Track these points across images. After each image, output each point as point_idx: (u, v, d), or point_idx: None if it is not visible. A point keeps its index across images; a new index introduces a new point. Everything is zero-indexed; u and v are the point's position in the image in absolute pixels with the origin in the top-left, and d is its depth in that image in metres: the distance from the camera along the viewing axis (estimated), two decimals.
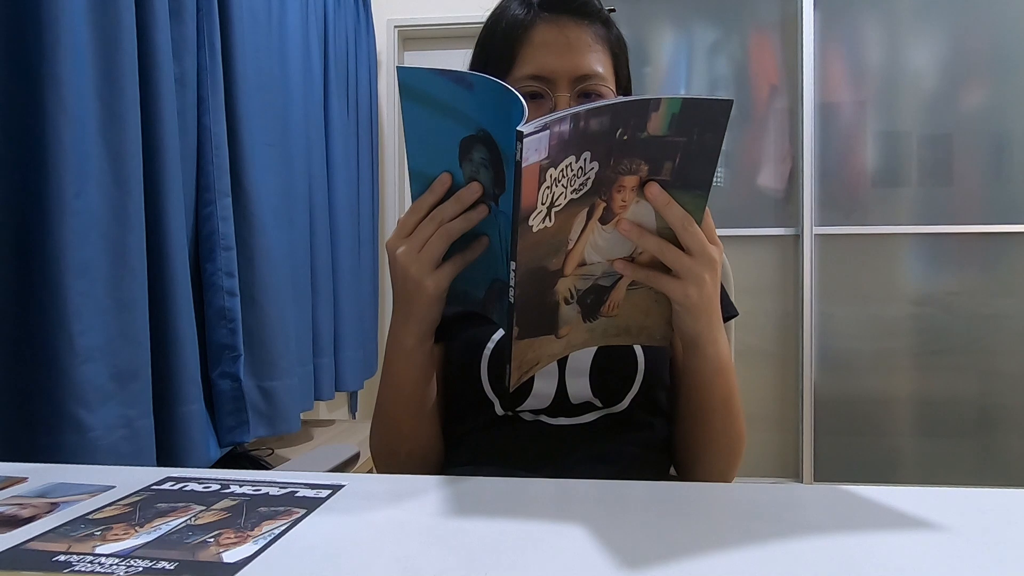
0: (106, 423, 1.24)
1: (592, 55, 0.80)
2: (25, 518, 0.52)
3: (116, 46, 1.30)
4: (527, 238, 0.58)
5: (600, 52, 0.81)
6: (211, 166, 1.69)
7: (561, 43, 0.79)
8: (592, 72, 0.79)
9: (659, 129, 0.58)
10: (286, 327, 1.99)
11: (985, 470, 2.61)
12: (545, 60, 0.78)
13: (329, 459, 0.93)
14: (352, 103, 2.73)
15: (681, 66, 2.75)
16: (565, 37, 0.79)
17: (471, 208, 0.65)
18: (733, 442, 0.79)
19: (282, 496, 0.56)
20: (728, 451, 0.79)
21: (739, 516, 0.52)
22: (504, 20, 0.82)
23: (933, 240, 2.58)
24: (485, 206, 0.65)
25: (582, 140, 0.57)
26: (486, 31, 0.85)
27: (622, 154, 0.59)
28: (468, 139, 0.62)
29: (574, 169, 0.58)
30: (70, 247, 1.19)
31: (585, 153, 0.58)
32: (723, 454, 0.79)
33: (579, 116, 0.55)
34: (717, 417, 0.77)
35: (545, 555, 0.45)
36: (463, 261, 0.67)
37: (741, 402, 0.78)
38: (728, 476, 0.80)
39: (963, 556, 0.45)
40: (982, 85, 2.58)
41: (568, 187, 0.58)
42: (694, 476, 0.82)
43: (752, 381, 2.69)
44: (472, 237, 0.67)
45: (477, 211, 0.65)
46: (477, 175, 0.64)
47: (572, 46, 0.79)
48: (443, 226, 0.65)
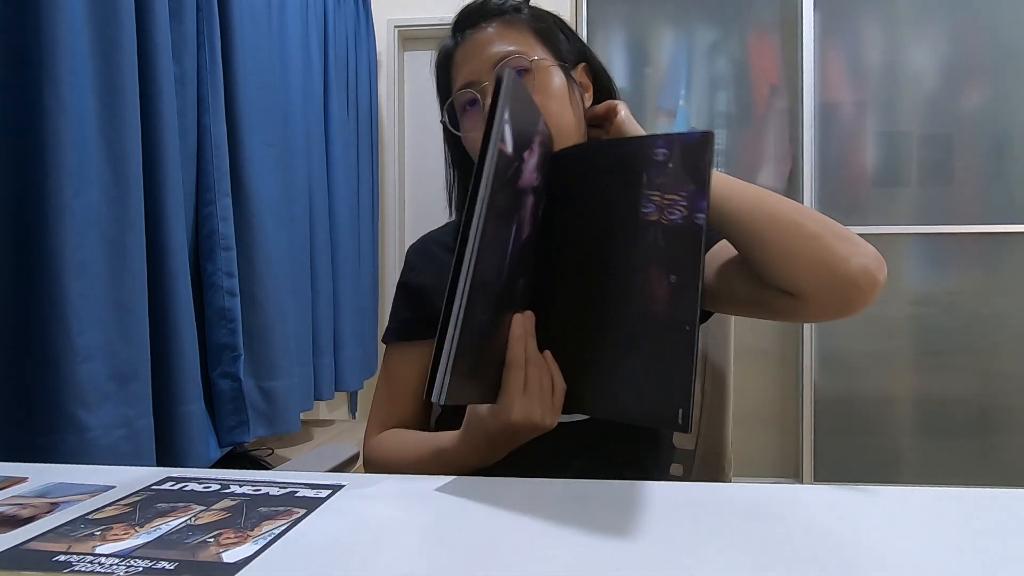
0: (105, 423, 1.24)
1: (505, 40, 0.84)
2: (25, 518, 0.52)
3: (116, 46, 1.30)
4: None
5: (515, 33, 0.84)
6: (211, 166, 1.69)
7: (474, 50, 0.84)
8: (505, 52, 0.82)
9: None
10: (286, 327, 1.99)
11: (985, 470, 2.61)
12: (468, 68, 0.84)
13: (329, 459, 0.93)
14: (352, 103, 2.73)
15: (681, 66, 2.75)
16: (475, 43, 0.85)
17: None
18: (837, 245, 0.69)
19: (282, 496, 0.56)
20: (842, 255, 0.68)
21: (739, 516, 0.52)
22: (438, 58, 0.90)
23: (933, 240, 2.58)
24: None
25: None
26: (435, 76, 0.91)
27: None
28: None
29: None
30: (69, 247, 1.19)
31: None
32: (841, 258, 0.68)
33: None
34: (803, 243, 0.69)
35: (544, 555, 0.45)
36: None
37: (804, 208, 0.72)
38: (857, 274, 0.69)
39: (963, 556, 0.45)
40: (982, 85, 2.58)
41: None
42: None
43: (752, 381, 2.69)
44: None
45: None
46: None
47: (481, 46, 0.84)
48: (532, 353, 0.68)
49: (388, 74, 3.15)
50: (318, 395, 2.36)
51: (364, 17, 2.88)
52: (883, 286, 0.70)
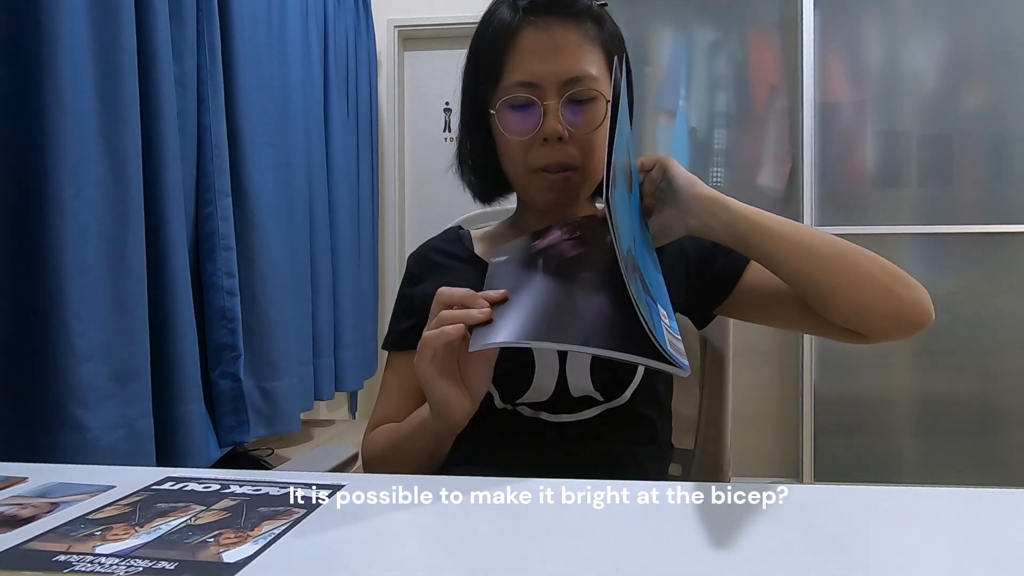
0: (105, 423, 1.24)
1: (582, 57, 0.79)
2: (25, 518, 0.52)
3: (116, 46, 1.30)
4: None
5: (591, 52, 0.80)
6: (211, 166, 1.69)
7: (548, 47, 0.78)
8: (581, 75, 0.79)
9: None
10: (286, 327, 1.99)
11: (985, 470, 2.61)
12: (532, 66, 0.78)
13: (329, 459, 0.93)
14: (352, 103, 2.73)
15: (681, 66, 2.75)
16: (552, 40, 0.79)
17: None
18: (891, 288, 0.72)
19: (282, 496, 0.56)
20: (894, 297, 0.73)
21: (738, 516, 0.52)
22: (491, 26, 0.82)
23: (933, 240, 2.58)
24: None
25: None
26: (476, 38, 0.85)
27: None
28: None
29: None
30: (69, 247, 1.19)
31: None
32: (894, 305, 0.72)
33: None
34: (854, 289, 0.72)
35: (545, 555, 0.45)
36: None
37: (859, 250, 0.73)
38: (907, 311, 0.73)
39: (963, 556, 0.45)
40: (982, 85, 2.58)
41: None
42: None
43: (752, 381, 2.69)
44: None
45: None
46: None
47: (559, 49, 0.78)
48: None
49: (388, 74, 3.15)
50: (318, 395, 2.36)
51: (364, 17, 2.88)
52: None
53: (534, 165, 0.81)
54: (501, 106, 0.81)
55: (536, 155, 0.81)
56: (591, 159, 0.82)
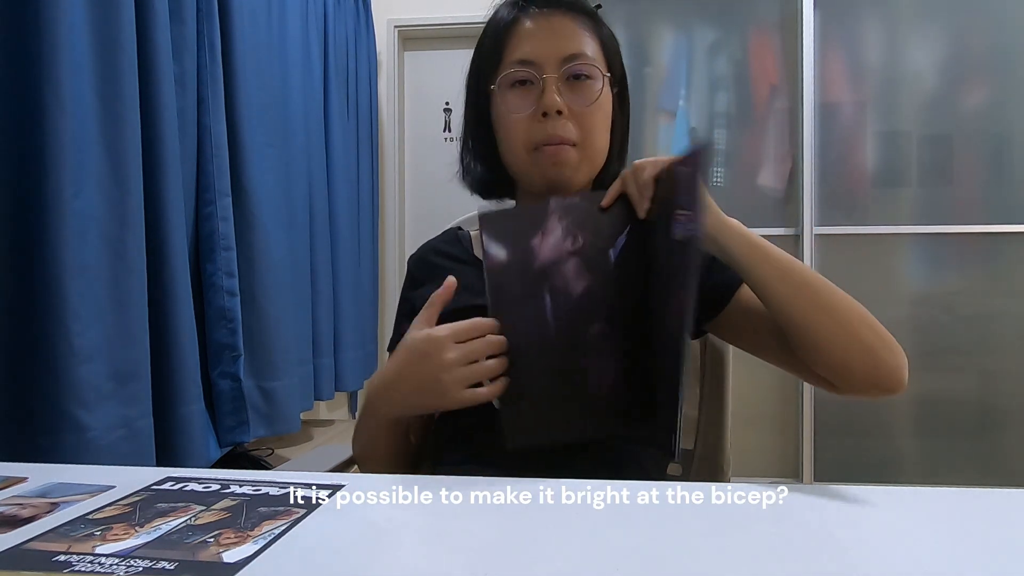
0: (105, 423, 1.24)
1: (579, 39, 0.82)
2: (25, 518, 0.52)
3: (116, 46, 1.30)
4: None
5: (588, 38, 0.83)
6: (211, 166, 1.69)
7: (546, 30, 0.82)
8: (579, 52, 0.81)
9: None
10: (286, 327, 1.99)
11: (985, 470, 2.61)
12: (531, 45, 0.82)
13: (329, 459, 0.93)
14: (352, 103, 2.73)
15: (681, 66, 2.75)
16: (550, 24, 0.82)
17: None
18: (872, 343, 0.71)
19: (282, 496, 0.56)
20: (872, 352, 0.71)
21: (738, 516, 0.52)
22: (492, 21, 0.86)
23: (933, 240, 2.58)
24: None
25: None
26: (478, 40, 0.88)
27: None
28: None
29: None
30: (69, 247, 1.19)
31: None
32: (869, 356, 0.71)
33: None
34: (831, 332, 0.71)
35: (545, 555, 0.45)
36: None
37: (852, 302, 0.72)
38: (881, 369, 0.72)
39: (963, 556, 0.45)
40: (982, 85, 2.58)
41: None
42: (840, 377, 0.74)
43: (752, 381, 2.69)
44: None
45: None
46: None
47: (557, 31, 0.82)
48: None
49: (388, 74, 3.15)
50: (318, 395, 2.36)
51: (364, 17, 2.88)
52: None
53: (534, 141, 0.82)
54: (501, 83, 0.83)
55: (536, 132, 0.82)
56: (590, 137, 0.83)
